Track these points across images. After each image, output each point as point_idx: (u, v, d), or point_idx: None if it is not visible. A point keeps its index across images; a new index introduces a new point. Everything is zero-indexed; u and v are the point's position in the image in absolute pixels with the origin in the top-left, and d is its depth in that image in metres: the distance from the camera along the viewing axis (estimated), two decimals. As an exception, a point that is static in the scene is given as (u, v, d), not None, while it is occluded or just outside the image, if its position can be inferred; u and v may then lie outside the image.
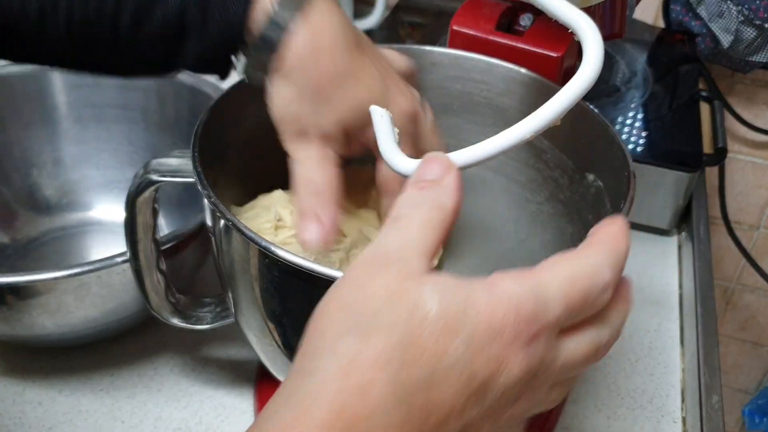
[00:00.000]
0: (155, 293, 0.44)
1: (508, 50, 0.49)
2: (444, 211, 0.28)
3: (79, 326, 0.48)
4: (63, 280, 0.44)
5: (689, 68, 0.80)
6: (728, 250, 1.03)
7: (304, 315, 0.27)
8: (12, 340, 0.51)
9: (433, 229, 0.27)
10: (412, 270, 0.26)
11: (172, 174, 0.39)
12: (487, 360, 0.24)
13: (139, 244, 0.42)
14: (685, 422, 0.51)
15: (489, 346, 0.24)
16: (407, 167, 0.33)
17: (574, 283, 0.26)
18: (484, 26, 0.51)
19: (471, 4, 0.53)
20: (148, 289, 0.44)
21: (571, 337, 0.27)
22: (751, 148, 0.99)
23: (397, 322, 0.24)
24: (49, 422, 0.48)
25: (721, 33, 0.83)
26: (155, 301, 0.44)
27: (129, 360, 0.52)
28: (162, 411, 0.49)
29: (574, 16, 0.32)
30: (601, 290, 0.26)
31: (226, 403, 0.50)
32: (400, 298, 0.25)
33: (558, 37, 0.49)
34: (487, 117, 0.49)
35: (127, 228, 0.42)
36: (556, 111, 0.31)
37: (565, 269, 0.26)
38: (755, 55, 0.84)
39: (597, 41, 0.31)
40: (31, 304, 0.45)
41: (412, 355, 0.24)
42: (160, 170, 0.39)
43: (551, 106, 0.31)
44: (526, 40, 0.50)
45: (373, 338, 0.24)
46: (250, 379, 0.51)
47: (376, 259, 0.27)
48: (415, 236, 0.27)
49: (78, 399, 0.50)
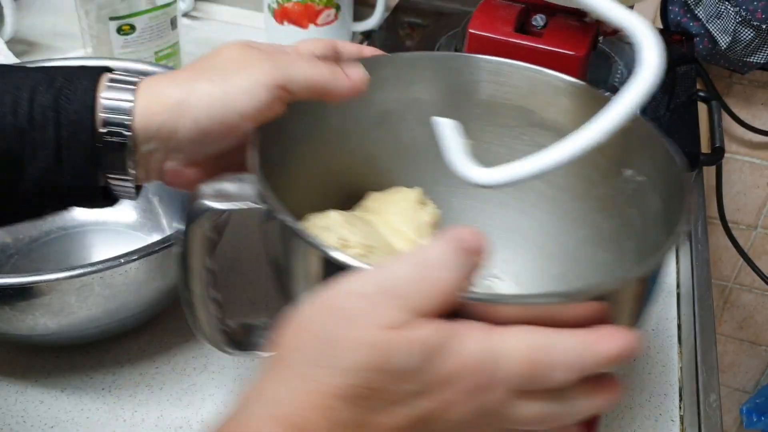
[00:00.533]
0: (209, 325, 0.42)
1: (528, 51, 0.49)
2: (459, 290, 0.29)
3: (81, 326, 0.48)
4: (65, 281, 0.44)
5: (687, 69, 0.81)
6: (726, 250, 1.04)
7: None
8: (14, 339, 0.52)
9: (444, 299, 0.28)
10: (400, 321, 0.27)
11: (231, 200, 0.37)
12: (438, 401, 0.28)
13: (192, 275, 0.40)
14: (682, 421, 0.52)
15: (441, 390, 0.28)
16: (480, 177, 0.32)
17: (530, 353, 0.28)
18: (502, 29, 0.50)
19: (485, 8, 0.53)
20: (202, 321, 0.41)
21: (522, 399, 0.29)
22: (748, 149, 0.99)
23: (370, 369, 0.27)
24: (51, 421, 0.48)
25: (719, 34, 0.83)
26: (209, 332, 0.42)
27: (131, 359, 0.52)
28: (164, 410, 0.49)
29: (629, 19, 0.31)
30: (554, 369, 0.28)
31: (228, 402, 0.50)
32: (379, 348, 0.27)
33: (577, 36, 0.49)
34: (511, 119, 0.48)
35: (181, 258, 0.39)
36: (617, 120, 0.29)
37: (528, 337, 0.28)
38: (753, 56, 0.85)
39: (655, 44, 0.30)
40: (34, 304, 0.45)
41: (368, 399, 0.27)
42: (219, 196, 0.37)
43: (611, 115, 0.29)
44: (546, 40, 0.49)
45: (342, 377, 0.27)
46: (252, 377, 0.51)
47: (381, 290, 0.28)
48: (430, 293, 0.28)
49: (80, 398, 0.50)
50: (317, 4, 0.83)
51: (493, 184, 0.33)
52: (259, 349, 0.44)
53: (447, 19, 0.87)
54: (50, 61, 0.73)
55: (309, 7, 0.83)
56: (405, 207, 0.46)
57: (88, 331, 0.50)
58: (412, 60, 0.47)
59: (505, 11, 0.52)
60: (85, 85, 0.37)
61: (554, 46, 0.49)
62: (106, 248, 0.61)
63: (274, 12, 0.85)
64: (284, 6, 0.84)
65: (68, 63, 0.50)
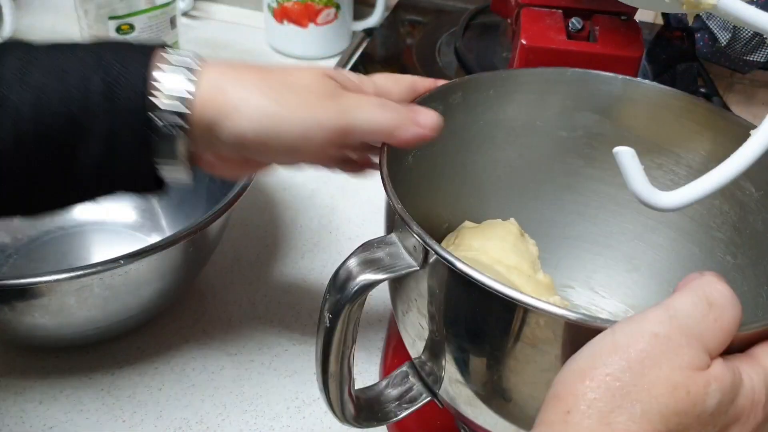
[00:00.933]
0: (342, 402, 0.38)
1: (585, 57, 0.48)
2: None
3: (80, 327, 0.48)
4: (65, 282, 0.44)
5: (688, 66, 0.81)
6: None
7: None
8: (13, 340, 0.52)
9: (729, 338, 0.28)
10: (701, 362, 0.27)
11: (383, 267, 0.34)
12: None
13: (339, 356, 0.36)
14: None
15: (735, 427, 0.28)
16: (664, 202, 0.32)
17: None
18: (555, 38, 0.49)
19: (530, 17, 0.51)
20: (341, 401, 0.38)
21: None
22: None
23: (677, 413, 0.26)
24: (50, 422, 0.48)
25: (719, 30, 0.83)
26: (349, 412, 0.39)
27: (130, 359, 0.52)
28: (163, 410, 0.49)
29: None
30: None
31: (227, 403, 0.50)
32: (685, 390, 0.26)
33: (629, 37, 0.48)
34: (572, 130, 0.48)
35: (329, 334, 0.35)
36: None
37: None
38: (753, 54, 0.84)
39: None
40: (33, 305, 0.45)
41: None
42: (370, 266, 0.34)
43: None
44: (602, 45, 0.48)
45: (648, 423, 0.26)
46: (251, 378, 0.52)
47: (681, 331, 0.27)
48: (721, 333, 0.28)
49: (79, 398, 0.50)
50: (317, 3, 0.83)
51: (676, 208, 0.33)
52: (394, 417, 0.41)
53: (447, 16, 0.87)
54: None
55: (309, 6, 0.83)
56: (513, 242, 0.44)
57: (87, 332, 0.50)
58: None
59: (551, 18, 0.51)
60: (138, 70, 0.35)
61: (612, 50, 0.47)
62: (106, 248, 0.60)
63: (273, 11, 0.85)
64: (284, 5, 0.84)
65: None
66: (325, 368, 0.36)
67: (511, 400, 0.34)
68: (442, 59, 0.79)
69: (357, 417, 0.39)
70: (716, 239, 0.45)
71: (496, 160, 0.48)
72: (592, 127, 0.47)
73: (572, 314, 0.29)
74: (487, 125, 0.46)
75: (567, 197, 0.49)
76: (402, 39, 0.85)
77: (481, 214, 0.48)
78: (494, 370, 0.33)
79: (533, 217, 0.49)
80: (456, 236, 0.46)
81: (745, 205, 0.42)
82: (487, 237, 0.44)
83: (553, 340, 0.30)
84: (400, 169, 0.41)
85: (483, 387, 0.35)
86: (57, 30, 0.91)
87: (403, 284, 0.36)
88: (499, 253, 0.43)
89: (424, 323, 0.36)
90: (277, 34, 0.88)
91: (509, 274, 0.42)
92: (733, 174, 0.32)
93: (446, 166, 0.46)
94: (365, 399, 0.41)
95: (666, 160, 0.46)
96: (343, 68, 0.83)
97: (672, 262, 0.47)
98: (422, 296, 0.35)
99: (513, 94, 0.46)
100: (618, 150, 0.32)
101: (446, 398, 0.38)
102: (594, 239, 0.50)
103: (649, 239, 0.48)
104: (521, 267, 0.43)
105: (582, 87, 0.46)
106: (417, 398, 0.41)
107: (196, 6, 0.96)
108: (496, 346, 0.33)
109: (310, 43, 0.87)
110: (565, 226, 0.50)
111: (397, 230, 0.35)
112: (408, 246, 0.34)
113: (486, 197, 0.49)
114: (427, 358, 0.38)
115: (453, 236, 0.46)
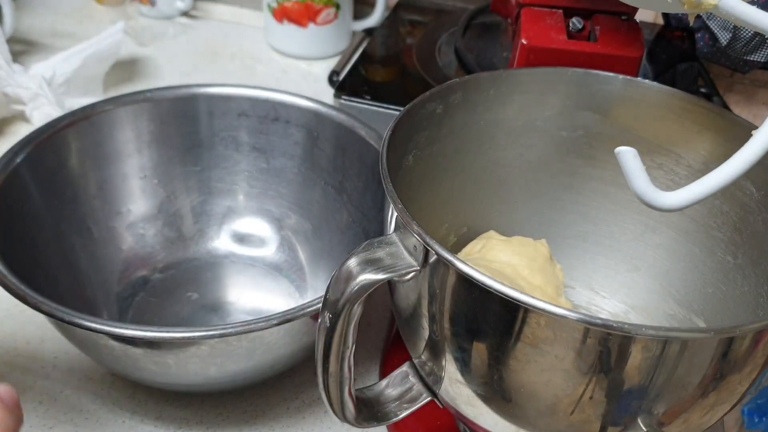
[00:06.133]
0: (342, 402, 0.38)
1: (585, 57, 0.48)
2: None
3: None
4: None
5: (688, 66, 0.80)
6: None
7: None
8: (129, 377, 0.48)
9: None
10: None
11: (384, 266, 0.33)
12: None
13: (339, 356, 0.36)
14: (683, 420, 0.52)
15: None
16: (667, 202, 0.32)
17: None
18: (556, 37, 0.49)
19: (530, 17, 0.51)
20: (341, 401, 0.38)
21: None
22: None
23: None
24: (50, 422, 0.48)
25: (719, 30, 0.83)
26: (349, 412, 0.39)
27: (130, 359, 0.52)
28: (162, 410, 0.49)
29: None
30: None
31: (226, 403, 0.50)
32: None
33: (629, 36, 0.48)
34: (572, 130, 0.47)
35: (327, 341, 0.35)
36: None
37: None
38: (753, 54, 0.84)
39: None
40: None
41: None
42: (371, 266, 0.33)
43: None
44: (603, 45, 0.48)
45: None
46: (251, 378, 0.52)
47: None
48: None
49: (79, 398, 0.50)
50: (317, 3, 0.83)
51: (678, 208, 0.33)
52: (394, 417, 0.41)
53: (447, 16, 0.87)
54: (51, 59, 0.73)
55: (309, 6, 0.83)
56: (542, 263, 0.44)
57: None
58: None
59: (551, 18, 0.51)
60: None
61: (612, 50, 0.47)
62: (238, 279, 0.59)
63: (273, 11, 0.85)
64: (284, 5, 0.84)
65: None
66: (325, 368, 0.36)
67: (512, 400, 0.34)
68: (442, 59, 0.78)
69: (357, 417, 0.39)
70: (716, 239, 0.45)
71: (496, 160, 0.48)
72: (592, 126, 0.47)
73: (573, 314, 0.29)
74: (487, 125, 0.46)
75: (567, 197, 0.49)
76: (402, 39, 0.85)
77: (481, 214, 0.48)
78: (494, 370, 0.33)
79: (533, 216, 0.49)
80: (482, 245, 0.45)
81: (746, 205, 0.42)
82: (515, 252, 0.44)
83: (553, 340, 0.30)
84: (400, 169, 0.40)
85: (483, 387, 0.35)
86: (57, 30, 0.91)
87: (404, 284, 0.36)
88: (526, 271, 0.43)
89: (424, 323, 0.36)
90: (277, 34, 0.88)
91: (532, 292, 0.41)
92: (735, 174, 0.32)
93: (446, 166, 0.46)
94: (365, 399, 0.41)
95: (666, 160, 0.46)
96: (343, 68, 0.83)
97: (672, 262, 0.47)
98: (422, 296, 0.35)
99: (513, 94, 0.46)
100: (620, 150, 0.32)
101: (446, 398, 0.38)
102: (594, 239, 0.50)
103: (649, 239, 0.48)
104: (546, 289, 0.43)
105: (582, 87, 0.46)
106: (417, 398, 0.41)
107: (196, 6, 0.96)
108: (497, 346, 0.33)
109: (310, 43, 0.87)
110: (565, 226, 0.50)
111: (398, 230, 0.35)
112: (408, 246, 0.34)
113: (486, 197, 0.48)
114: (427, 358, 0.37)
115: (478, 244, 0.46)
